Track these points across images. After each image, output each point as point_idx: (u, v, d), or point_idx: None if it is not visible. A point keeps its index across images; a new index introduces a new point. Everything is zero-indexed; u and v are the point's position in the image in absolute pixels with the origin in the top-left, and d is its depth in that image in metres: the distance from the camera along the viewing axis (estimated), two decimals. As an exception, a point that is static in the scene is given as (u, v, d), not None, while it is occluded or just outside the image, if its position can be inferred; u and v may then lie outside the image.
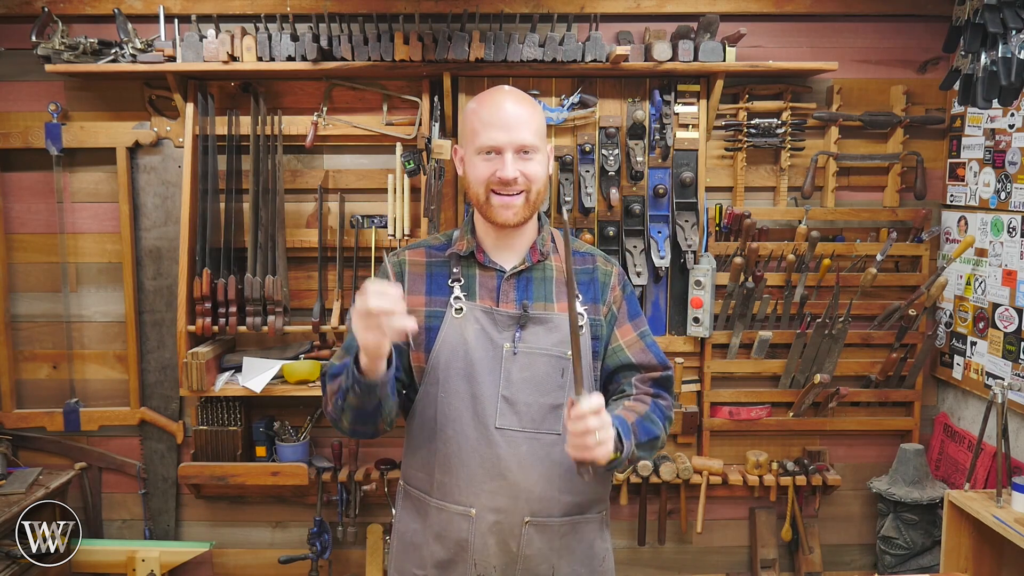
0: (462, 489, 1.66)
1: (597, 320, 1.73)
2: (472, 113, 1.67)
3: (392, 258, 1.77)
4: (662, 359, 1.78)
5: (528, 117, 1.65)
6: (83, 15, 3.03)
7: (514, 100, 1.66)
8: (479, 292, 1.70)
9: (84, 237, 3.21)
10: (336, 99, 3.13)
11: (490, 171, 1.63)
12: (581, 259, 1.78)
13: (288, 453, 3.11)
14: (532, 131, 1.64)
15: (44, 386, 3.27)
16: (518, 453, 1.64)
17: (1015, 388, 2.71)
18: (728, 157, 3.18)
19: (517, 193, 1.64)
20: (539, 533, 1.67)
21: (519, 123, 1.63)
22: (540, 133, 1.67)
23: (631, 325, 1.77)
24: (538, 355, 1.66)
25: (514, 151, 1.62)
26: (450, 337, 1.66)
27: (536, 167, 1.65)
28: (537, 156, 1.65)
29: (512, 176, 1.62)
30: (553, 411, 1.67)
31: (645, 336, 1.78)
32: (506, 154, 1.62)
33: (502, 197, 1.64)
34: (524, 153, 1.63)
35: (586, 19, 3.01)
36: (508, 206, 1.64)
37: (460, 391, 1.65)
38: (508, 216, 1.64)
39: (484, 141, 1.63)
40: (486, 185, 1.64)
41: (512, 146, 1.62)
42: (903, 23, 3.16)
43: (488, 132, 1.63)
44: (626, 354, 1.74)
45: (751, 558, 3.38)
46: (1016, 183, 2.80)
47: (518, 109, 1.64)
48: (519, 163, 1.63)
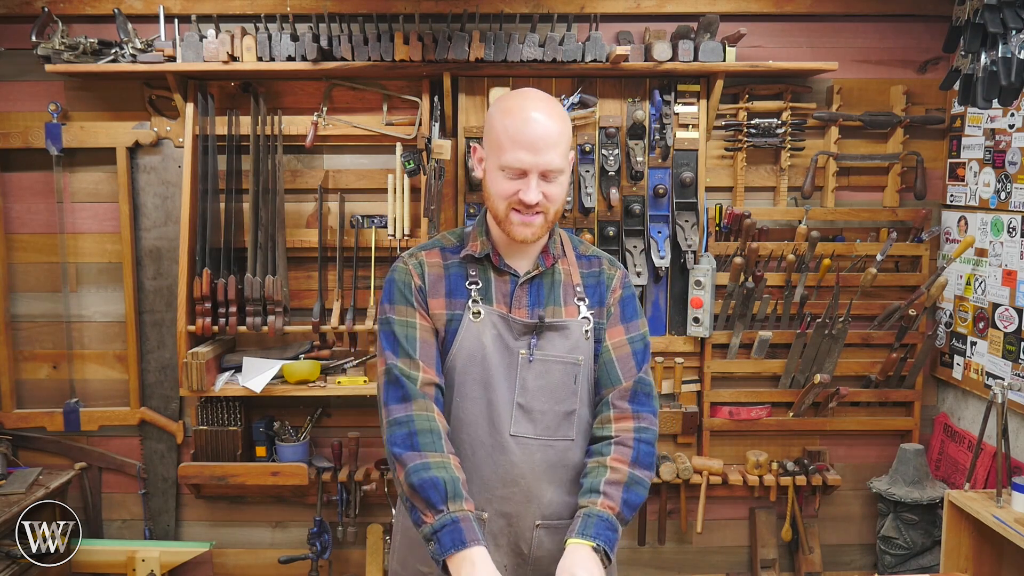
0: (474, 494, 1.64)
1: (600, 324, 1.73)
2: (499, 122, 1.60)
3: (411, 260, 1.71)
4: (640, 364, 1.72)
5: (557, 136, 1.58)
6: (83, 15, 3.03)
7: (546, 115, 1.58)
8: (495, 296, 1.68)
9: (84, 237, 3.20)
10: (336, 99, 3.13)
11: (513, 190, 1.60)
12: (588, 263, 1.77)
13: (288, 453, 3.11)
14: (560, 153, 1.59)
15: (44, 386, 3.27)
16: (532, 460, 1.65)
17: (1015, 388, 2.71)
18: (728, 157, 3.18)
19: (537, 213, 1.61)
20: (549, 536, 1.68)
21: (548, 145, 1.57)
22: (566, 151, 1.62)
23: (622, 327, 1.74)
24: (553, 362, 1.66)
25: (539, 174, 1.58)
26: (468, 342, 1.65)
27: (558, 189, 1.61)
28: (561, 178, 1.61)
29: (535, 201, 1.59)
30: (567, 418, 1.67)
31: (634, 341, 1.74)
32: (531, 178, 1.58)
33: (522, 216, 1.61)
34: (550, 176, 1.59)
35: (586, 19, 3.00)
36: (527, 225, 1.62)
37: (476, 397, 1.65)
38: (527, 234, 1.63)
39: (510, 161, 1.58)
40: (508, 203, 1.61)
41: (538, 170, 1.58)
42: (903, 23, 3.16)
43: (515, 152, 1.57)
44: (611, 357, 1.71)
45: (751, 558, 3.38)
46: (1016, 183, 2.80)
47: (549, 127, 1.57)
48: (542, 185, 1.59)
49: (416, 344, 1.64)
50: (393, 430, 1.58)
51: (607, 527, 1.57)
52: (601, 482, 1.61)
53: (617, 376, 1.70)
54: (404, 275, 1.69)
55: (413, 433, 1.57)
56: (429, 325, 1.66)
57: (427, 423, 1.58)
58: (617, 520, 1.60)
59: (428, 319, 1.67)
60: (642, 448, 1.67)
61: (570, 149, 1.65)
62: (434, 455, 1.55)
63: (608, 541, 1.56)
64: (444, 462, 1.55)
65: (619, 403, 1.69)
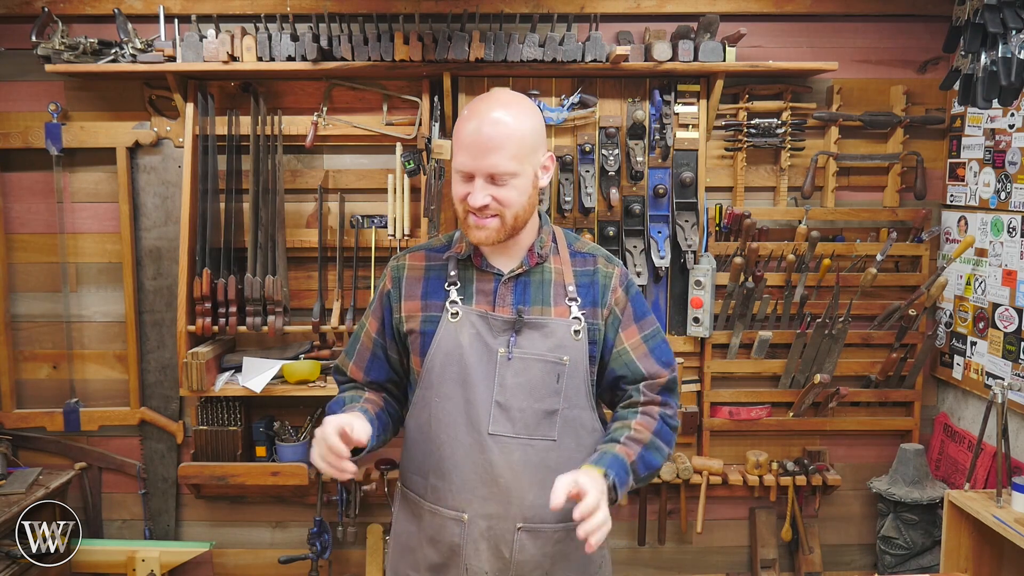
0: (455, 494, 1.65)
1: (595, 324, 1.70)
2: (457, 125, 1.62)
3: (393, 263, 1.78)
4: (667, 361, 1.75)
5: (505, 139, 1.55)
6: (83, 15, 3.03)
7: (495, 118, 1.56)
8: (475, 296, 1.68)
9: (84, 237, 3.21)
10: (336, 99, 3.13)
11: (463, 193, 1.60)
12: (582, 260, 1.75)
13: (288, 453, 3.11)
14: (508, 155, 1.55)
15: (44, 386, 3.27)
16: (511, 459, 1.64)
17: (1015, 388, 2.71)
18: (728, 157, 3.18)
19: (491, 216, 1.60)
20: (532, 539, 1.66)
21: (492, 148, 1.54)
22: (521, 153, 1.57)
23: (636, 327, 1.73)
24: (533, 360, 1.65)
25: (484, 178, 1.57)
26: (445, 342, 1.66)
27: (510, 193, 1.58)
28: (513, 180, 1.58)
29: (480, 204, 1.58)
30: (547, 417, 1.66)
31: (650, 339, 1.74)
32: (476, 180, 1.58)
33: (476, 218, 1.61)
34: (496, 179, 1.57)
35: (586, 19, 3.00)
36: (481, 228, 1.61)
37: (454, 396, 1.65)
38: (481, 237, 1.62)
39: (456, 164, 1.60)
40: (463, 206, 1.62)
41: (482, 173, 1.57)
42: (903, 23, 3.16)
43: (460, 155, 1.59)
44: (632, 358, 1.72)
45: (751, 558, 3.38)
46: (1016, 183, 2.80)
47: (497, 130, 1.55)
48: (490, 188, 1.57)
49: (357, 346, 1.81)
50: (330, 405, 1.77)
51: (620, 466, 1.58)
52: (623, 435, 1.66)
53: (641, 372, 1.72)
54: (382, 280, 1.78)
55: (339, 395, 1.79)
56: (372, 332, 1.78)
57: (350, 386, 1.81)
58: (631, 468, 1.60)
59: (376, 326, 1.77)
60: (666, 427, 1.71)
61: (536, 151, 1.62)
62: (348, 392, 1.78)
63: (619, 477, 1.57)
64: (353, 393, 1.76)
65: (648, 392, 1.72)
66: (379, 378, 1.79)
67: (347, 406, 1.70)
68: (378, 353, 1.77)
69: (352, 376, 1.80)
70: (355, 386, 1.81)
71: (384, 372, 1.78)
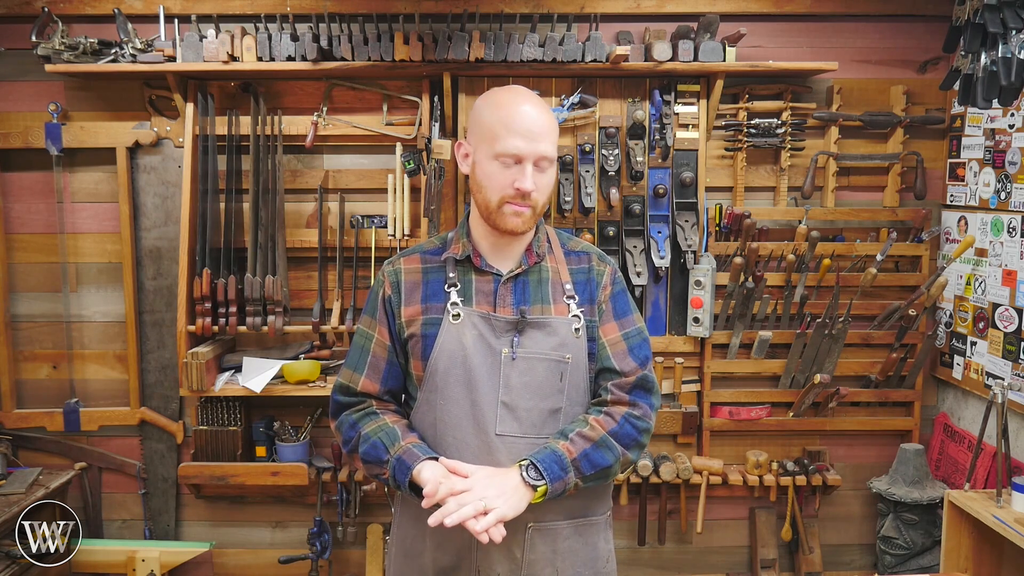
0: None
1: (593, 321, 1.71)
2: (491, 114, 1.63)
3: (388, 268, 1.75)
4: (642, 359, 1.73)
5: (550, 127, 1.62)
6: (83, 15, 3.03)
7: (538, 107, 1.63)
8: (476, 297, 1.68)
9: (84, 237, 3.21)
10: (336, 99, 3.13)
11: (508, 180, 1.60)
12: (577, 259, 1.76)
13: (288, 453, 3.11)
14: (552, 142, 1.63)
15: (44, 386, 3.27)
16: (518, 459, 1.63)
17: (1015, 388, 2.71)
18: (728, 157, 3.18)
19: (527, 206, 1.62)
20: (542, 538, 1.67)
21: (542, 133, 1.60)
22: (556, 142, 1.65)
23: (616, 324, 1.73)
24: (537, 359, 1.65)
25: (535, 162, 1.61)
26: (448, 344, 1.65)
27: (549, 179, 1.64)
28: (551, 169, 1.64)
29: (531, 188, 1.60)
30: (553, 415, 1.66)
31: (630, 337, 1.73)
32: (527, 165, 1.60)
33: (514, 206, 1.61)
34: (542, 165, 1.62)
35: (586, 19, 3.01)
36: (519, 215, 1.62)
37: (459, 398, 1.64)
38: (517, 224, 1.63)
39: (506, 148, 1.59)
40: (502, 195, 1.61)
41: (534, 157, 1.60)
42: (903, 23, 3.16)
43: (512, 139, 1.59)
44: (607, 354, 1.71)
45: (751, 558, 3.38)
46: (1016, 183, 2.80)
47: (542, 118, 1.61)
48: (535, 175, 1.61)
49: (367, 357, 1.72)
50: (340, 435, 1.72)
51: (555, 461, 1.58)
52: (573, 431, 1.64)
53: (615, 370, 1.70)
54: (379, 285, 1.75)
55: (352, 424, 1.70)
56: (385, 340, 1.72)
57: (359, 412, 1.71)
58: (571, 465, 1.60)
59: (387, 334, 1.72)
60: (627, 428, 1.67)
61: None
62: (369, 425, 1.68)
63: (548, 470, 1.57)
64: (378, 425, 1.67)
65: (617, 391, 1.70)
66: (396, 386, 1.75)
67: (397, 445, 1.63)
68: (393, 360, 1.73)
69: (364, 391, 1.72)
70: (367, 411, 1.72)
71: (400, 380, 1.75)
